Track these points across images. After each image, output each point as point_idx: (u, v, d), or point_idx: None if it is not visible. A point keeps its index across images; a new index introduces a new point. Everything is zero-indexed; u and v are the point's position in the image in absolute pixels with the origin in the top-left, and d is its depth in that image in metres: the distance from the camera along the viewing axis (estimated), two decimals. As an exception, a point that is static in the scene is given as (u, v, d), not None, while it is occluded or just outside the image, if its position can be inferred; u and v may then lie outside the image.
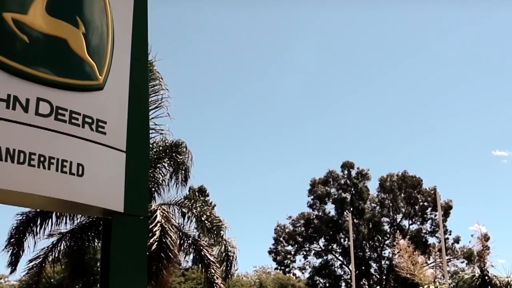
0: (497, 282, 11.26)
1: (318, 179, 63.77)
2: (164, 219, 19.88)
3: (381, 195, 64.10)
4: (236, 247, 22.17)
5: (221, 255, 21.80)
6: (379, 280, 63.16)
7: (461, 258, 61.04)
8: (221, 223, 21.54)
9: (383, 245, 63.05)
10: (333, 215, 63.39)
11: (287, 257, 64.39)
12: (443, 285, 12.76)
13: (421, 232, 62.55)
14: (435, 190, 58.72)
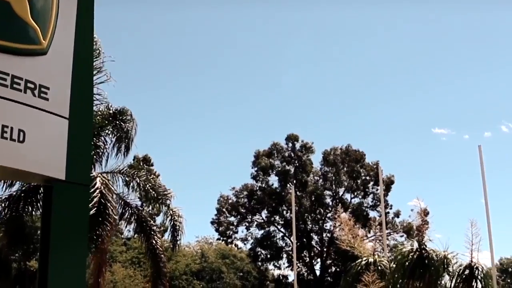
0: (434, 256, 11.62)
1: (262, 151, 64.02)
2: (103, 186, 19.64)
3: (324, 168, 64.80)
4: (182, 216, 22.18)
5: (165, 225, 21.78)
6: (320, 252, 64.22)
7: (401, 232, 62.47)
8: (167, 192, 21.45)
9: (324, 218, 63.99)
10: (276, 187, 63.86)
11: (229, 228, 64.74)
12: (382, 258, 13.08)
13: (363, 206, 63.65)
14: (378, 165, 59.72)
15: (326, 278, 64.30)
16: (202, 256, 67.14)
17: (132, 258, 49.76)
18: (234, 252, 68.48)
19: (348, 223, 12.92)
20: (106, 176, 20.68)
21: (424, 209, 12.37)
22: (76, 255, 6.46)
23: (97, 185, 19.25)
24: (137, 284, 44.81)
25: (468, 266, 11.77)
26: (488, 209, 19.98)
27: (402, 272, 11.56)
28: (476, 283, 11.75)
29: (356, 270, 12.14)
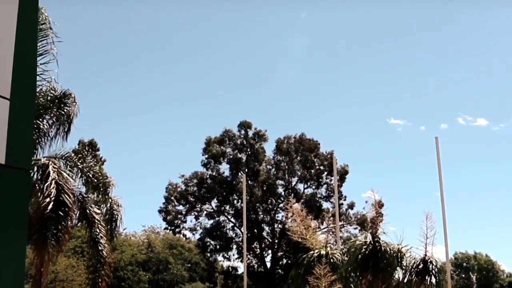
0: (388, 249, 11.77)
1: (213, 138, 63.84)
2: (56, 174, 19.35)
3: (277, 157, 65.02)
4: (121, 206, 21.99)
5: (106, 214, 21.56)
6: (271, 243, 64.54)
7: (355, 224, 63.20)
8: (108, 180, 21.21)
9: (276, 208, 64.27)
10: (227, 175, 63.82)
11: (177, 217, 64.42)
12: (335, 250, 13.20)
13: (316, 197, 64.12)
14: (332, 155, 60.24)
15: (277, 270, 64.68)
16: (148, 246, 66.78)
17: (75, 247, 49.13)
18: (182, 243, 68.33)
19: (301, 214, 12.98)
20: (57, 163, 20.33)
21: (378, 201, 12.52)
22: (15, 244, 6.31)
23: (52, 175, 18.93)
24: (80, 275, 44.29)
25: (422, 260, 11.97)
26: (443, 202, 20.38)
27: (355, 265, 11.68)
28: (430, 277, 11.96)
29: (307, 263, 12.21)
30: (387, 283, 12.02)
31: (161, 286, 64.85)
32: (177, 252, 67.19)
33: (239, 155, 64.17)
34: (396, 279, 12.20)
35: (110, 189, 21.21)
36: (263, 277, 62.62)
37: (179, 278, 65.15)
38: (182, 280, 64.77)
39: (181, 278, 65.25)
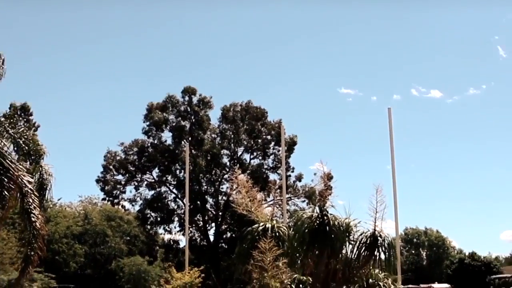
0: (336, 223, 11.76)
1: (156, 104, 63.10)
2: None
3: (223, 125, 64.78)
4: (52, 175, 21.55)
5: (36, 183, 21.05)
6: (214, 216, 64.54)
7: (302, 197, 63.59)
8: (39, 148, 20.69)
9: (221, 179, 64.19)
10: (169, 144, 63.31)
11: (116, 187, 63.65)
12: (281, 224, 13.14)
13: (262, 168, 64.22)
14: (280, 124, 60.30)
15: (221, 244, 64.83)
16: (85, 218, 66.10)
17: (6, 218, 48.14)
18: (120, 214, 67.84)
19: (246, 186, 12.85)
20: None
21: (327, 173, 12.48)
22: None
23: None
24: (10, 248, 43.48)
25: (371, 235, 12.00)
26: (394, 176, 20.58)
27: (302, 239, 11.64)
28: (378, 252, 12.02)
29: (252, 236, 12.12)
30: (335, 258, 12.03)
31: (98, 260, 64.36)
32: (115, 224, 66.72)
33: (182, 122, 63.64)
34: (344, 253, 12.21)
35: (42, 157, 20.71)
36: (206, 251, 62.64)
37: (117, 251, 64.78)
38: (120, 253, 64.43)
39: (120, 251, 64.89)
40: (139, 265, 59.25)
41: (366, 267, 12.26)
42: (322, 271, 12.20)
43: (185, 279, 21.73)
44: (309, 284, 12.63)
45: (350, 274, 12.32)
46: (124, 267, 59.76)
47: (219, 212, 64.16)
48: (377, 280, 12.41)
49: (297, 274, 12.63)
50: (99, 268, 63.57)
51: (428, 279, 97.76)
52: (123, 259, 61.62)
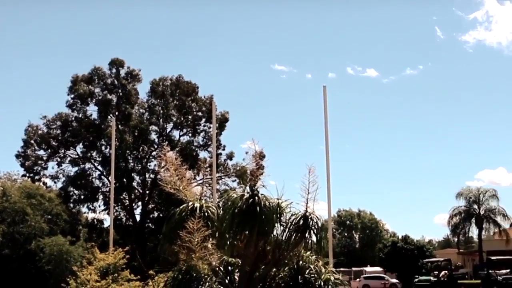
0: (267, 203, 11.81)
1: (81, 76, 62.11)
2: None
3: (152, 100, 64.39)
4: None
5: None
6: (141, 194, 64.22)
7: (233, 176, 63.87)
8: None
9: (148, 157, 63.87)
10: (95, 118, 62.61)
11: (37, 163, 62.57)
12: (211, 203, 13.13)
13: (192, 145, 64.19)
14: (211, 100, 60.28)
15: (147, 224, 64.64)
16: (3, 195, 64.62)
17: None
18: (42, 192, 66.59)
19: (175, 163, 12.77)
20: None
21: (259, 152, 12.49)
22: None
23: None
24: None
25: (303, 216, 12.10)
26: (328, 156, 20.82)
27: (231, 220, 11.65)
28: (310, 234, 12.14)
29: (179, 216, 12.07)
30: (265, 240, 12.11)
31: (17, 239, 63.16)
32: (36, 202, 65.44)
33: (109, 96, 62.90)
34: (275, 235, 12.29)
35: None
36: (131, 231, 62.31)
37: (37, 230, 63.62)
38: (41, 233, 63.30)
39: (40, 230, 63.75)
40: (60, 245, 58.36)
41: (296, 249, 12.37)
42: (251, 253, 12.26)
43: (109, 260, 21.58)
44: (238, 266, 12.70)
45: (280, 256, 12.42)
46: (44, 247, 58.76)
47: (146, 191, 63.87)
48: (308, 263, 12.53)
49: (226, 255, 12.68)
50: (18, 249, 62.37)
51: (361, 262, 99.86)
52: (44, 239, 60.52)
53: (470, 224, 75.03)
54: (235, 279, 12.64)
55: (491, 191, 74.70)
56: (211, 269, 11.90)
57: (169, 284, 12.08)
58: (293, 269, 12.52)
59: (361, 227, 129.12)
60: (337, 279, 12.63)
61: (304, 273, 12.43)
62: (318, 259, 12.80)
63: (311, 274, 12.42)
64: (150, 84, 63.98)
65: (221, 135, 63.60)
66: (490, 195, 74.00)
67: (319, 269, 12.54)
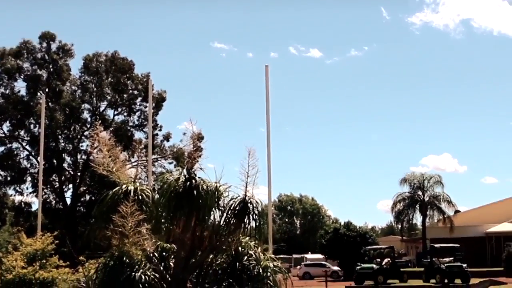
0: (205, 186, 11.83)
1: (8, 50, 60.99)
2: None
3: (85, 77, 63.69)
4: None
5: None
6: (72, 176, 63.56)
7: (170, 158, 63.79)
8: None
9: (80, 136, 63.25)
10: (23, 95, 61.72)
11: (-43, 143, 61.43)
12: (146, 186, 13.09)
13: (127, 125, 63.82)
14: (148, 78, 59.88)
15: (78, 207, 64.08)
16: None
17: None
18: (-37, 172, 65.30)
19: (108, 144, 12.67)
20: None
21: (197, 133, 12.49)
22: None
23: None
24: None
25: (242, 200, 12.16)
26: (269, 138, 20.95)
27: (167, 204, 11.64)
28: (249, 219, 12.21)
29: (112, 199, 12.00)
30: (202, 225, 12.14)
31: None
32: (-43, 184, 64.17)
33: (38, 71, 61.97)
34: (213, 220, 12.33)
35: None
36: (61, 215, 61.69)
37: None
38: (-37, 216, 62.19)
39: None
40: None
41: (235, 235, 12.42)
42: (188, 238, 12.28)
43: (36, 245, 21.29)
44: (173, 252, 12.70)
45: (218, 242, 12.47)
46: (-34, 231, 57.84)
47: (78, 173, 63.25)
48: (247, 249, 12.61)
49: (161, 241, 12.66)
50: None
51: (301, 249, 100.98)
52: (-34, 222, 59.54)
53: (414, 210, 76.48)
54: (170, 266, 12.64)
55: (436, 177, 76.21)
56: (145, 255, 11.87)
57: (100, 270, 12.00)
58: (231, 255, 12.58)
59: (303, 213, 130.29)
60: (276, 266, 12.74)
61: (242, 260, 12.50)
62: (257, 245, 12.89)
63: (250, 261, 12.51)
64: (83, 60, 63.28)
65: (158, 115, 63.43)
66: (435, 181, 75.49)
67: (258, 255, 12.64)
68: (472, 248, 66.83)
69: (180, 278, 12.23)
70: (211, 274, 12.62)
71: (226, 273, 12.38)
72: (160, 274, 11.92)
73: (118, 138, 38.87)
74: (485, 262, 68.38)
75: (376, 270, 48.11)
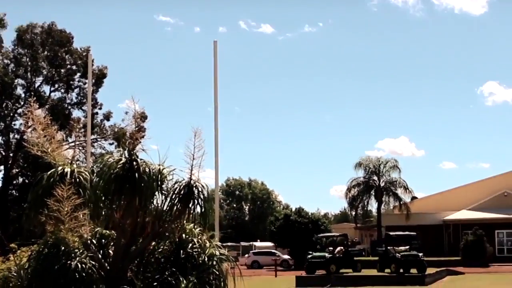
0: (147, 169, 11.80)
1: None
2: None
3: (18, 50, 62.80)
4: None
5: None
6: (4, 157, 62.83)
7: (110, 138, 63.40)
8: None
9: (13, 114, 62.46)
10: None
11: None
12: (84, 168, 12.98)
13: (65, 102, 63.22)
14: (88, 52, 59.28)
15: (11, 191, 63.41)
16: None
17: None
18: None
19: (43, 122, 12.53)
20: None
21: (140, 112, 12.43)
22: None
23: None
24: None
25: (187, 184, 12.16)
26: (217, 118, 20.91)
27: (106, 187, 11.58)
28: (194, 205, 12.21)
29: (47, 182, 11.87)
30: (144, 210, 12.11)
31: None
32: None
33: (-33, 43, 60.90)
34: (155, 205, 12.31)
35: None
36: (-8, 198, 60.94)
37: None
38: None
39: None
40: None
41: (179, 221, 12.42)
42: (129, 224, 12.24)
43: (-37, 231, 21.02)
44: (113, 239, 12.65)
45: (161, 229, 12.45)
46: None
47: (10, 153, 62.47)
48: (191, 236, 12.62)
49: (100, 227, 12.60)
50: None
51: (250, 236, 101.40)
52: None
53: (369, 196, 77.32)
54: (110, 254, 12.60)
55: (392, 161, 77.15)
56: (82, 242, 11.81)
57: (33, 259, 11.89)
58: (175, 243, 12.60)
59: (252, 198, 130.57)
60: (223, 255, 12.80)
61: (187, 248, 12.53)
62: (202, 232, 12.92)
63: (194, 249, 12.54)
64: (16, 32, 62.29)
65: (98, 92, 62.96)
66: (391, 166, 76.39)
67: (203, 243, 12.67)
68: (429, 237, 68.03)
69: (120, 266, 12.20)
70: (153, 262, 12.61)
71: (169, 262, 12.39)
72: (98, 263, 11.87)
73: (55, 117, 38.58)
74: (443, 251, 69.60)
75: (328, 259, 48.46)
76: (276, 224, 71.93)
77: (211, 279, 12.26)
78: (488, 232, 65.76)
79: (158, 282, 11.97)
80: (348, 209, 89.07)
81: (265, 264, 69.82)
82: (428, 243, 62.29)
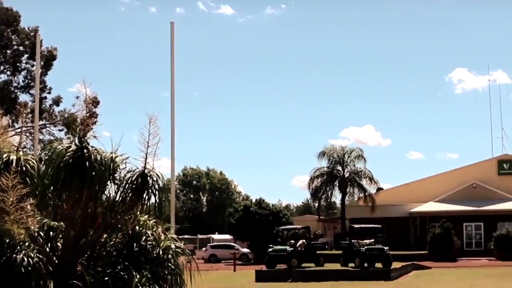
0: (99, 157, 11.68)
1: None
2: None
3: (-40, 28, 61.96)
4: None
5: None
6: None
7: (60, 124, 62.86)
8: None
9: (-45, 98, 61.59)
10: None
11: None
12: (31, 156, 12.81)
13: (10, 86, 62.52)
14: (36, 33, 58.61)
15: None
16: None
17: None
18: None
19: (-13, 107, 12.36)
20: None
21: (92, 96, 12.31)
22: None
23: None
24: None
25: (141, 173, 12.08)
26: (173, 104, 20.84)
27: (55, 176, 11.45)
28: (148, 195, 12.14)
29: (-9, 171, 11.71)
30: (95, 200, 12.01)
31: None
32: None
33: None
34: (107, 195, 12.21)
35: None
36: None
37: None
38: None
39: None
40: None
41: (132, 212, 12.36)
42: (78, 215, 12.13)
43: None
44: (62, 231, 12.54)
45: (113, 220, 12.37)
46: None
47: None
48: (145, 228, 12.56)
49: (48, 219, 12.48)
50: None
51: (208, 229, 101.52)
52: None
53: (333, 187, 77.69)
54: (58, 247, 12.48)
55: (357, 150, 77.60)
56: (28, 234, 11.67)
57: (-25, 252, 11.73)
58: (127, 235, 12.53)
59: (210, 189, 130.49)
60: (178, 248, 12.76)
61: (140, 240, 12.48)
62: (157, 224, 12.86)
63: (148, 242, 12.49)
64: (-43, 9, 61.46)
65: (47, 75, 62.26)
66: (356, 156, 76.82)
67: (158, 235, 12.62)
68: (395, 229, 68.57)
69: (69, 260, 12.10)
70: (105, 256, 12.54)
71: (121, 255, 12.32)
72: (46, 256, 11.75)
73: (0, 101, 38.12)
74: (409, 245, 70.30)
75: (290, 252, 48.56)
76: (235, 216, 71.96)
77: (166, 274, 12.23)
78: (456, 225, 66.52)
79: (110, 277, 11.89)
80: (311, 201, 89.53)
81: (224, 258, 69.98)
82: (394, 236, 62.76)
